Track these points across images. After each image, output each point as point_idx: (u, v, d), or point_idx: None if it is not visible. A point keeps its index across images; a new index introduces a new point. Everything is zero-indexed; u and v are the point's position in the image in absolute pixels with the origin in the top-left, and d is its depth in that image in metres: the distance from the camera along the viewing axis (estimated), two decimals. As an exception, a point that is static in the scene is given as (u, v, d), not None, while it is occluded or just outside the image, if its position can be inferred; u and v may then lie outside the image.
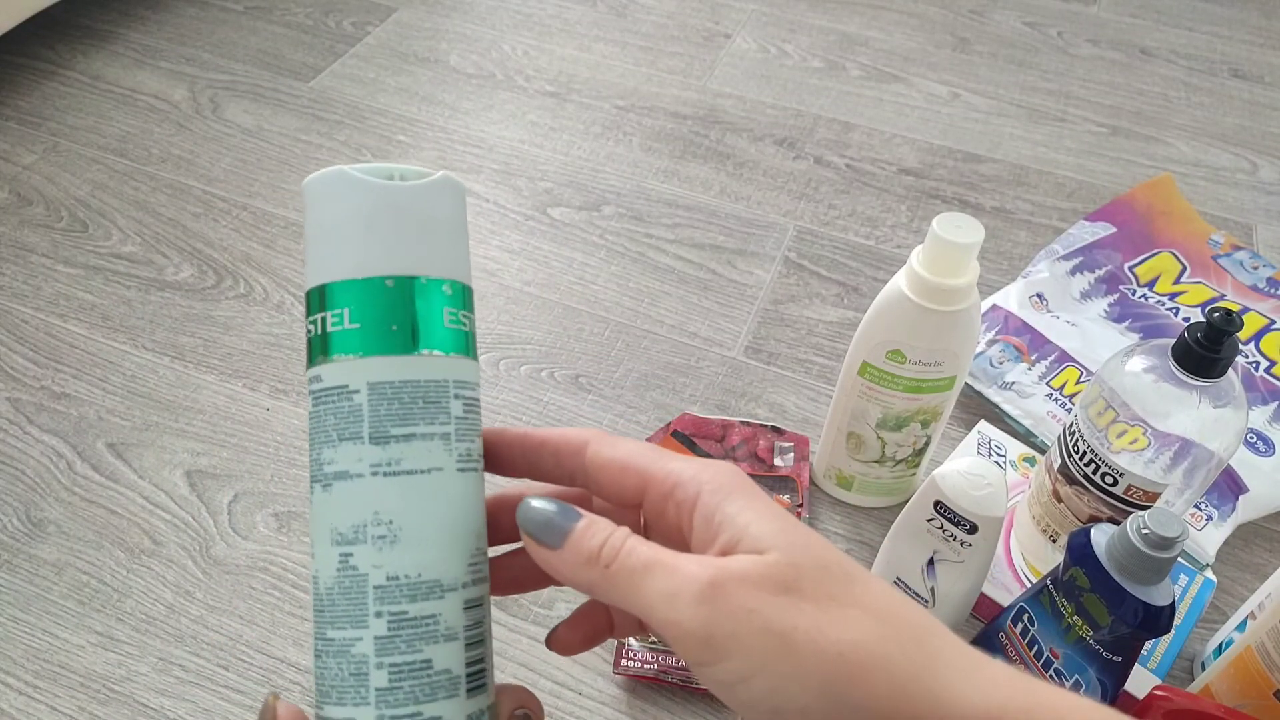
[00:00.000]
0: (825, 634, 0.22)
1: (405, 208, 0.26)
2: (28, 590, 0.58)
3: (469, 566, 0.26)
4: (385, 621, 0.24)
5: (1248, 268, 0.79)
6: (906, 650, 0.23)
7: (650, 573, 0.23)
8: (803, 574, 0.23)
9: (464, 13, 1.14)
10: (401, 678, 0.24)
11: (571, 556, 0.24)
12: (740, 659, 0.22)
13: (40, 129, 0.93)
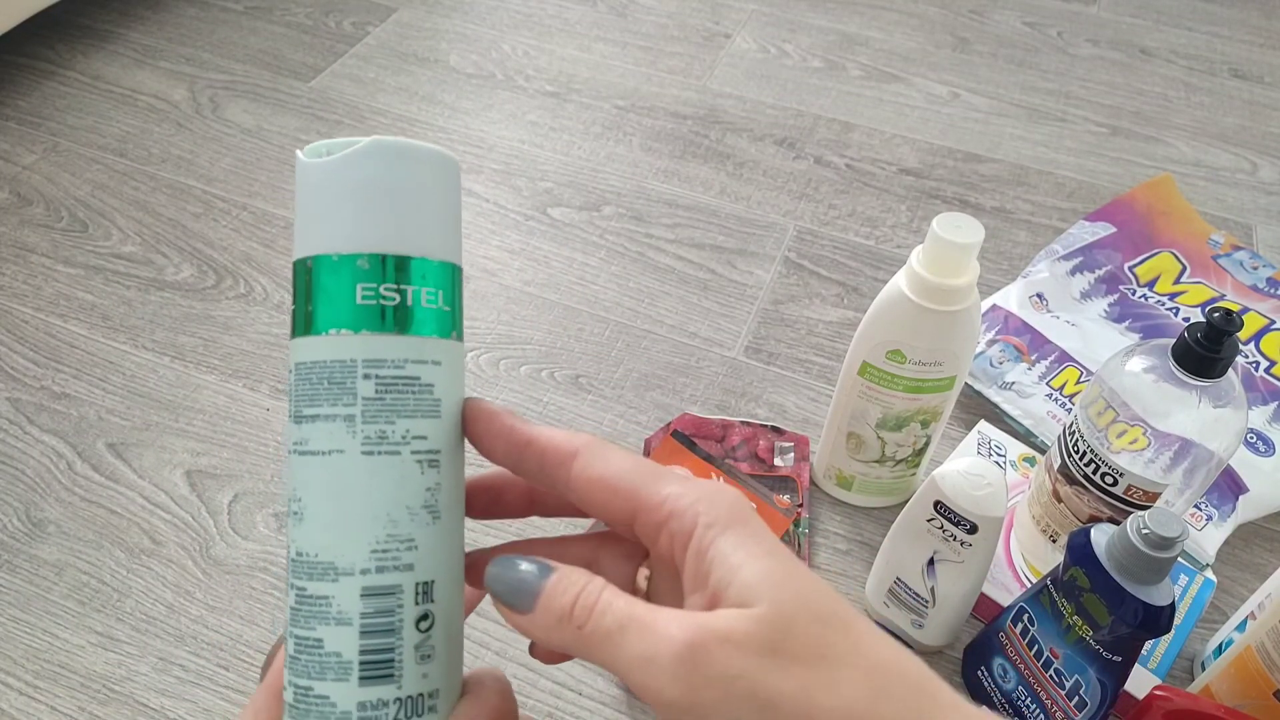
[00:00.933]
0: (814, 700, 0.21)
1: (318, 185, 0.25)
2: (28, 590, 0.58)
3: (373, 553, 0.25)
4: (294, 594, 0.25)
5: (1248, 268, 0.79)
6: (899, 712, 0.21)
7: (625, 633, 0.22)
8: (793, 629, 0.22)
9: (464, 13, 1.14)
10: (300, 650, 0.25)
11: (543, 619, 0.23)
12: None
13: (40, 129, 0.93)
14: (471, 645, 0.57)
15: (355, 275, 0.25)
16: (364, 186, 0.25)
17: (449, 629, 0.26)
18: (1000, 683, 0.53)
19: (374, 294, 0.25)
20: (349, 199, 0.25)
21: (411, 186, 0.26)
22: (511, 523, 0.62)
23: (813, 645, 0.22)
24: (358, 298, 0.25)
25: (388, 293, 0.25)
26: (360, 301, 0.25)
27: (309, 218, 0.26)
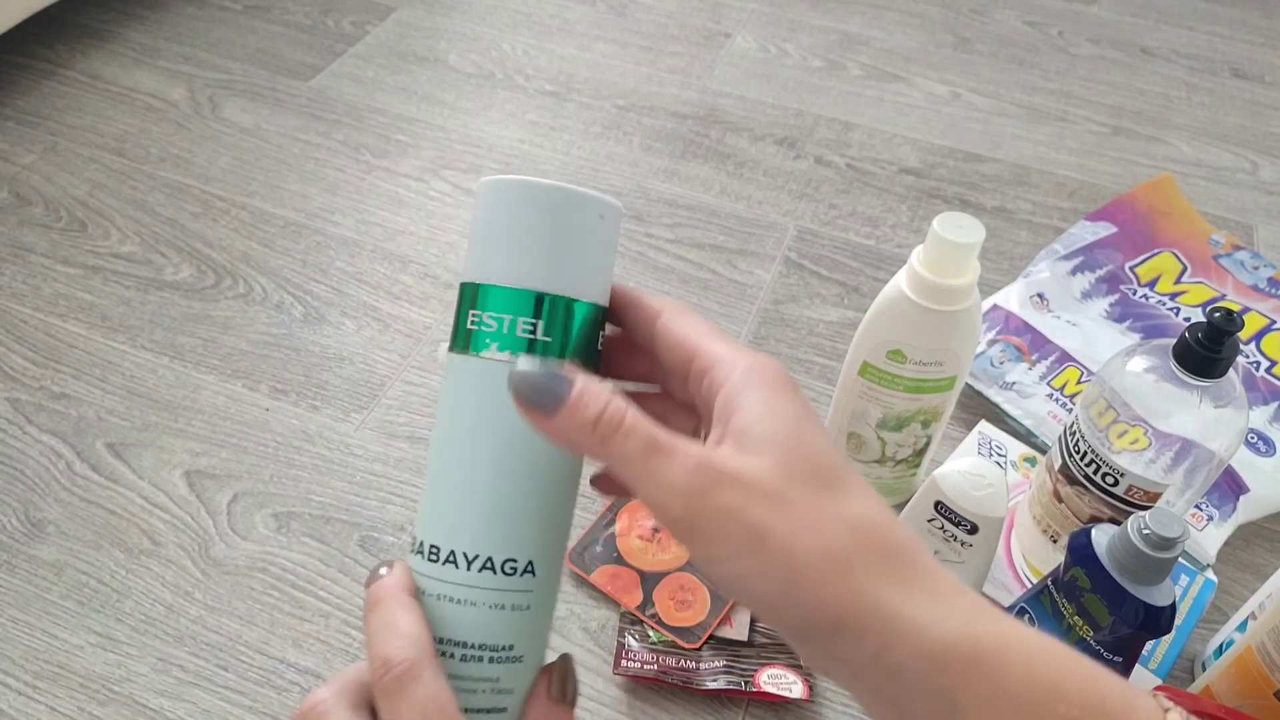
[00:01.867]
0: (798, 539, 0.24)
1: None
2: (27, 590, 0.58)
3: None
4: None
5: (1248, 267, 0.79)
6: (871, 565, 0.24)
7: (647, 456, 0.25)
8: (793, 478, 0.24)
9: (463, 12, 1.14)
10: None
11: (566, 423, 0.25)
12: (718, 546, 0.24)
13: (39, 128, 0.93)
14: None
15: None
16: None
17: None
18: (1001, 683, 0.53)
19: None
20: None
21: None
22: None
23: (809, 493, 0.24)
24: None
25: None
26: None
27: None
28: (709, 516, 0.24)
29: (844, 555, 0.24)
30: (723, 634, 0.57)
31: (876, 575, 0.24)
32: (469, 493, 0.28)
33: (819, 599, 0.23)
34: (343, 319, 0.76)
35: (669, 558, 0.60)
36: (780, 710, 0.54)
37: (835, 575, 0.24)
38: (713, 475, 0.24)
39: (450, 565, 0.28)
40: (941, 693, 0.23)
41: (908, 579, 0.24)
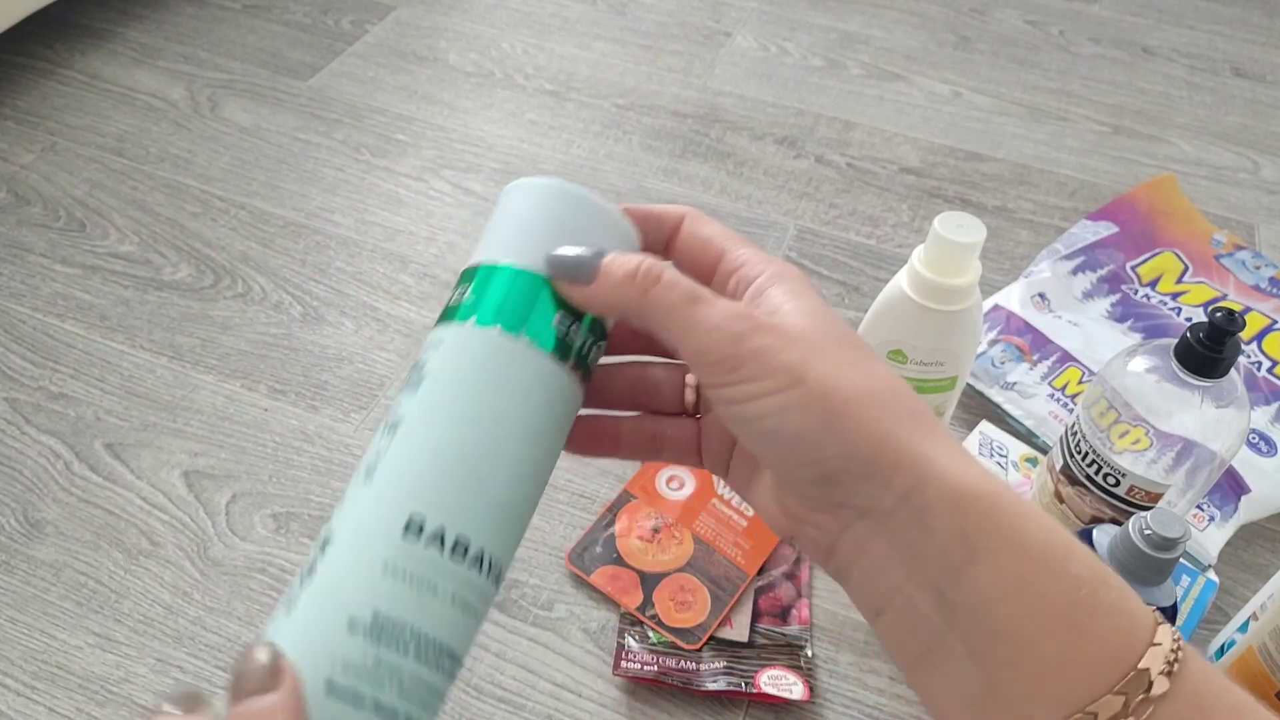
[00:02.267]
0: (838, 378, 0.25)
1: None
2: (25, 591, 0.58)
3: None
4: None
5: (1250, 267, 0.79)
6: (903, 415, 0.25)
7: (691, 304, 0.26)
8: (825, 341, 0.26)
9: (463, 11, 1.13)
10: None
11: (606, 282, 0.26)
12: (757, 382, 0.25)
13: (38, 128, 0.93)
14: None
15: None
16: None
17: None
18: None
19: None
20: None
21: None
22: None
23: (841, 354, 0.26)
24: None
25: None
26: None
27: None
28: (752, 355, 0.25)
29: (881, 398, 0.25)
30: (723, 635, 0.57)
31: (909, 422, 0.25)
32: (505, 487, 0.27)
33: (857, 434, 0.24)
34: (342, 319, 0.76)
35: (669, 558, 0.60)
36: (780, 712, 0.54)
37: (873, 413, 0.24)
38: (753, 321, 0.25)
39: (475, 567, 0.26)
40: (963, 535, 0.24)
41: (935, 430, 0.25)
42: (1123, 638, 0.23)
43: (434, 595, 0.25)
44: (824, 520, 0.26)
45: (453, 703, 0.54)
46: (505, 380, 0.27)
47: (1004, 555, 0.23)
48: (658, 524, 0.61)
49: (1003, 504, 0.24)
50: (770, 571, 0.60)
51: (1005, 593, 0.23)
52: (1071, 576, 0.23)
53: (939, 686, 0.25)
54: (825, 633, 0.58)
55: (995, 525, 0.24)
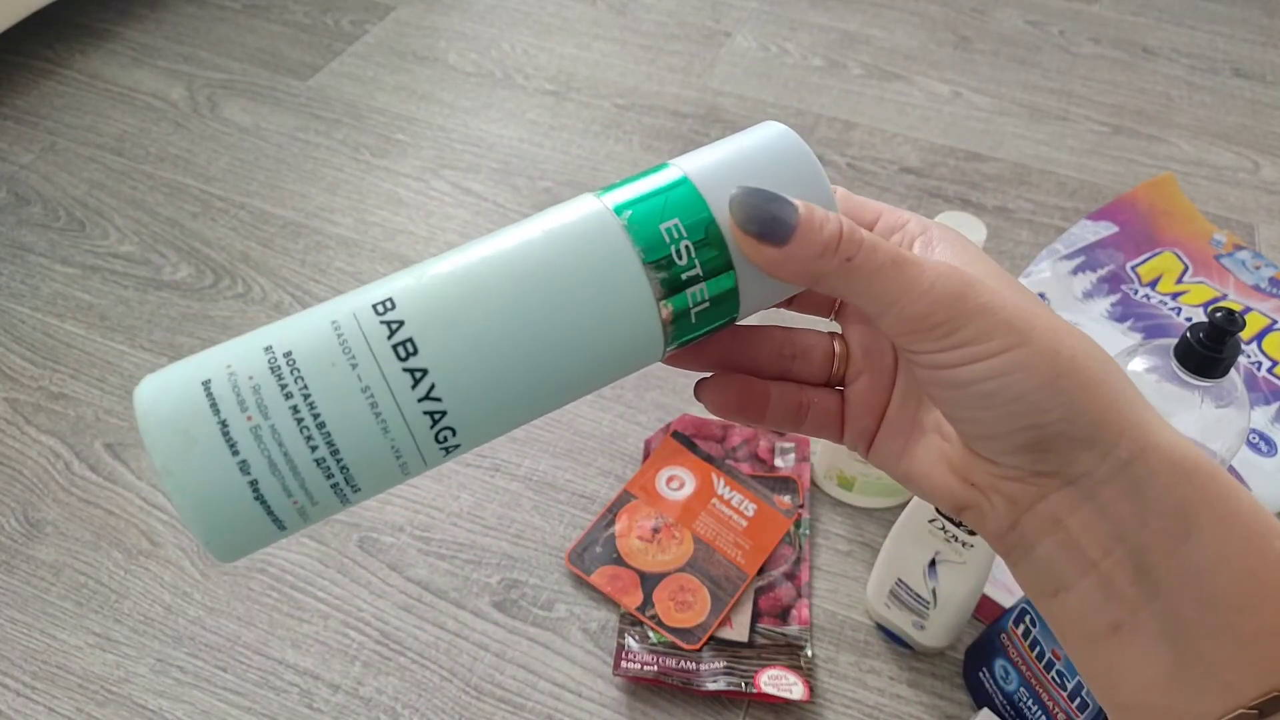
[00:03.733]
0: (1061, 338, 0.23)
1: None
2: (25, 591, 0.58)
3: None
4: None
5: (1250, 267, 0.79)
6: (1121, 383, 0.24)
7: (900, 268, 0.24)
8: (1026, 296, 0.25)
9: (463, 11, 1.13)
10: None
11: (802, 250, 0.24)
12: (979, 344, 0.23)
13: (38, 128, 0.93)
14: (470, 647, 0.57)
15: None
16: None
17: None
18: (1002, 684, 0.52)
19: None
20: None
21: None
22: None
23: (1046, 313, 0.24)
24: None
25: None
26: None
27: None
28: (973, 315, 0.23)
29: (1103, 362, 0.24)
30: (723, 635, 0.57)
31: (1125, 388, 0.24)
32: (499, 348, 0.24)
33: (1085, 397, 0.23)
34: (342, 319, 0.76)
35: (669, 558, 0.60)
36: (780, 712, 0.54)
37: (1099, 376, 0.23)
38: (966, 278, 0.24)
39: (408, 377, 0.23)
40: (1181, 507, 0.23)
41: (1145, 401, 0.24)
42: None
43: (350, 369, 0.23)
44: (1016, 490, 0.25)
45: (453, 702, 0.54)
46: (589, 268, 0.24)
47: (1221, 527, 0.23)
48: (658, 524, 0.61)
49: (1220, 477, 0.23)
50: (770, 571, 0.60)
51: (1220, 563, 0.22)
52: (1276, 550, 0.23)
53: (1122, 665, 0.24)
54: (825, 633, 0.58)
55: (1215, 496, 0.23)
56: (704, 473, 0.64)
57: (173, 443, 0.22)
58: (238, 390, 0.23)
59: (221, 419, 0.22)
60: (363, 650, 0.56)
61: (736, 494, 0.63)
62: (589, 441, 0.67)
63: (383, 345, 0.23)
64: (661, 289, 0.25)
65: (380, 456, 0.23)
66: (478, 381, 0.24)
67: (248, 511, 0.23)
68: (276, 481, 0.23)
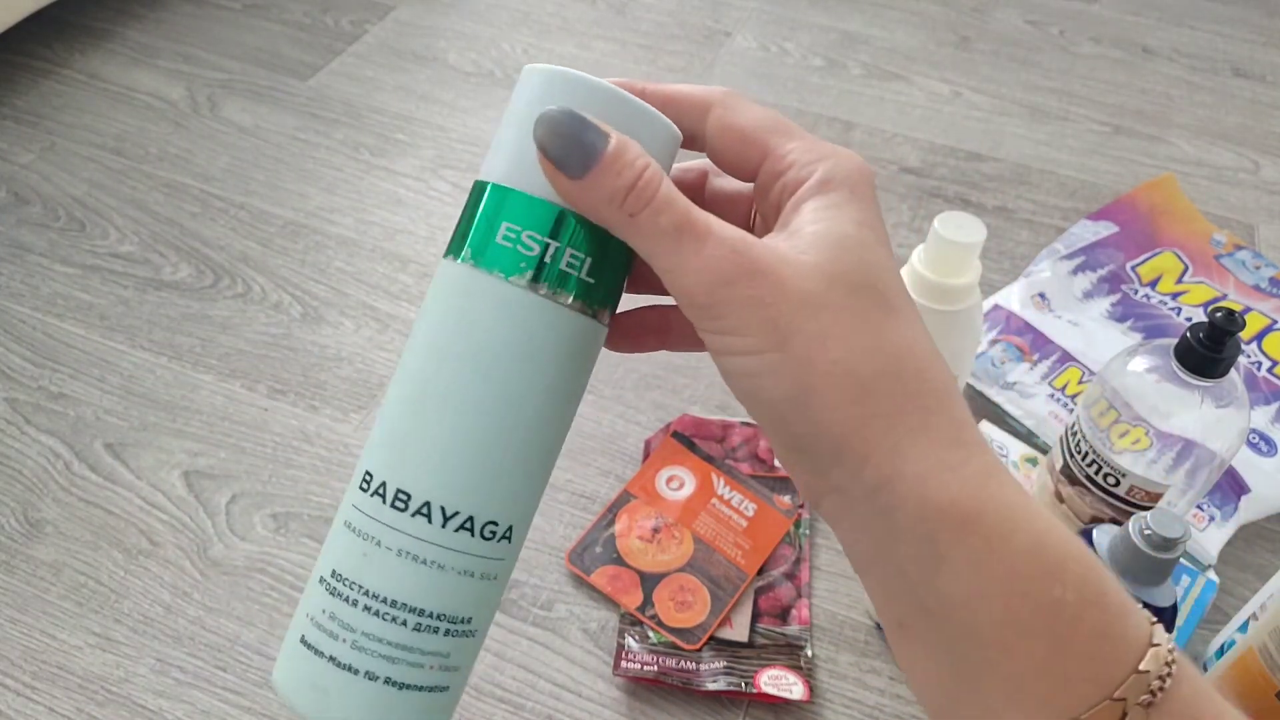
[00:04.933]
0: (821, 348, 0.22)
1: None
2: (25, 591, 0.58)
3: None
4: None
5: (1250, 267, 0.79)
6: (893, 395, 0.22)
7: (679, 236, 0.22)
8: (835, 283, 0.22)
9: (462, 11, 1.13)
10: None
11: (591, 194, 0.22)
12: (736, 339, 0.22)
13: (37, 128, 0.93)
14: (470, 647, 0.57)
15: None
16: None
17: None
18: (1002, 684, 0.52)
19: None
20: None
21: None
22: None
23: (847, 307, 0.22)
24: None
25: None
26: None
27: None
28: (733, 306, 0.22)
29: (866, 377, 0.22)
30: (723, 635, 0.57)
31: (895, 407, 0.22)
32: (457, 435, 0.24)
33: (826, 417, 0.22)
34: (341, 319, 0.76)
35: (669, 558, 0.60)
36: (780, 712, 0.54)
37: (849, 396, 0.21)
38: (745, 264, 0.22)
39: (421, 518, 0.24)
40: (929, 539, 0.22)
41: (928, 422, 0.22)
42: (1104, 663, 0.22)
43: (378, 547, 0.24)
44: (805, 481, 0.24)
45: (453, 703, 0.54)
46: (464, 319, 0.24)
47: (972, 569, 0.22)
48: (658, 524, 0.61)
49: (986, 513, 0.22)
50: (770, 571, 0.60)
51: (977, 601, 0.22)
52: (1052, 599, 0.21)
53: (913, 659, 0.24)
54: (825, 633, 0.58)
55: (969, 535, 0.22)
56: (704, 473, 0.64)
57: (314, 700, 0.25)
58: (321, 627, 0.25)
59: (329, 656, 0.24)
60: (362, 650, 0.56)
61: (736, 494, 0.63)
62: (589, 441, 0.67)
63: (384, 511, 0.24)
64: (536, 283, 0.24)
65: (459, 589, 0.25)
66: (476, 473, 0.24)
67: (406, 700, 0.25)
68: (402, 665, 0.24)
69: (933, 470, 0.22)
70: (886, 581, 0.23)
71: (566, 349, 0.25)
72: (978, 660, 0.22)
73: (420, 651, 0.24)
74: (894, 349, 0.22)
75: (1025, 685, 0.22)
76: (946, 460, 0.22)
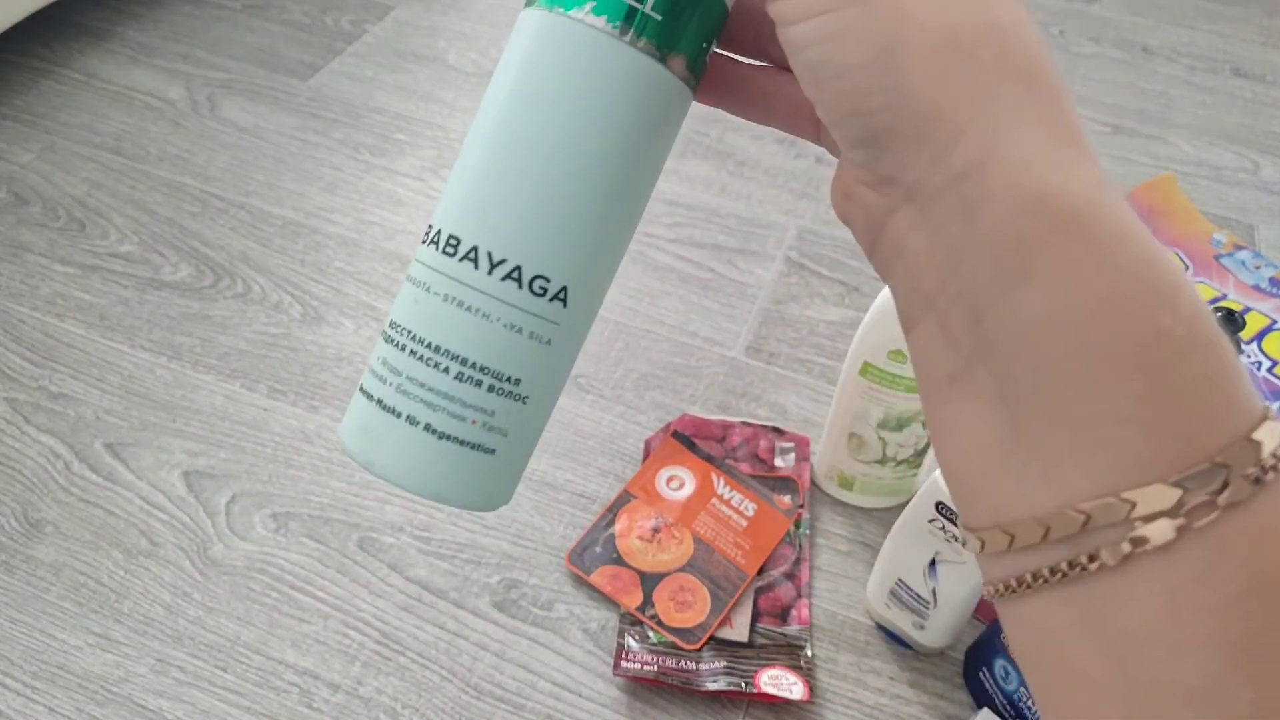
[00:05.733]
0: (929, 10, 0.18)
1: None
2: (25, 591, 0.58)
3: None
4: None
5: (1250, 267, 0.79)
6: (997, 65, 0.18)
7: None
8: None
9: (462, 10, 1.13)
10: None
11: None
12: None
13: (37, 127, 0.93)
14: (470, 647, 0.57)
15: None
16: None
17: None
18: (1002, 684, 0.52)
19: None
20: None
21: None
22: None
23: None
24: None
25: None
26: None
27: None
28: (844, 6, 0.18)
29: (966, 38, 0.18)
30: (723, 635, 0.57)
31: (998, 78, 0.18)
32: (513, 182, 0.23)
33: (915, 81, 0.18)
34: (341, 318, 0.76)
35: (669, 558, 0.60)
36: (780, 712, 0.54)
37: (949, 56, 0.18)
38: None
39: (469, 263, 0.23)
40: (1017, 242, 0.18)
41: (1037, 107, 0.18)
42: (1210, 419, 0.17)
43: (427, 293, 0.24)
44: (870, 200, 0.20)
45: (452, 702, 0.54)
46: (528, 58, 0.23)
47: (1064, 277, 0.17)
48: (658, 524, 0.61)
49: (1089, 223, 0.17)
50: (770, 571, 0.60)
51: (1064, 320, 0.17)
52: (1158, 329, 0.17)
53: (954, 419, 0.20)
54: (825, 633, 0.58)
55: (1066, 245, 0.17)
56: (704, 472, 0.64)
57: (362, 441, 0.25)
58: (376, 373, 0.25)
59: (377, 399, 0.25)
60: (363, 650, 0.56)
61: (736, 494, 0.63)
62: (589, 441, 0.67)
63: (437, 258, 0.24)
64: (596, 15, 0.23)
65: (505, 342, 0.24)
66: (526, 221, 0.23)
67: (446, 453, 0.24)
68: (442, 414, 0.24)
69: (1036, 158, 0.18)
70: (943, 323, 0.19)
71: (633, 96, 0.23)
72: (1047, 404, 0.18)
73: (462, 403, 0.24)
74: (997, 18, 0.18)
75: (1105, 434, 0.17)
76: (1055, 154, 0.18)
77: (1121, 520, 0.17)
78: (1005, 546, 0.19)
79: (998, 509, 0.19)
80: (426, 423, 0.24)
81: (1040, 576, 0.18)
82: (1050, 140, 0.18)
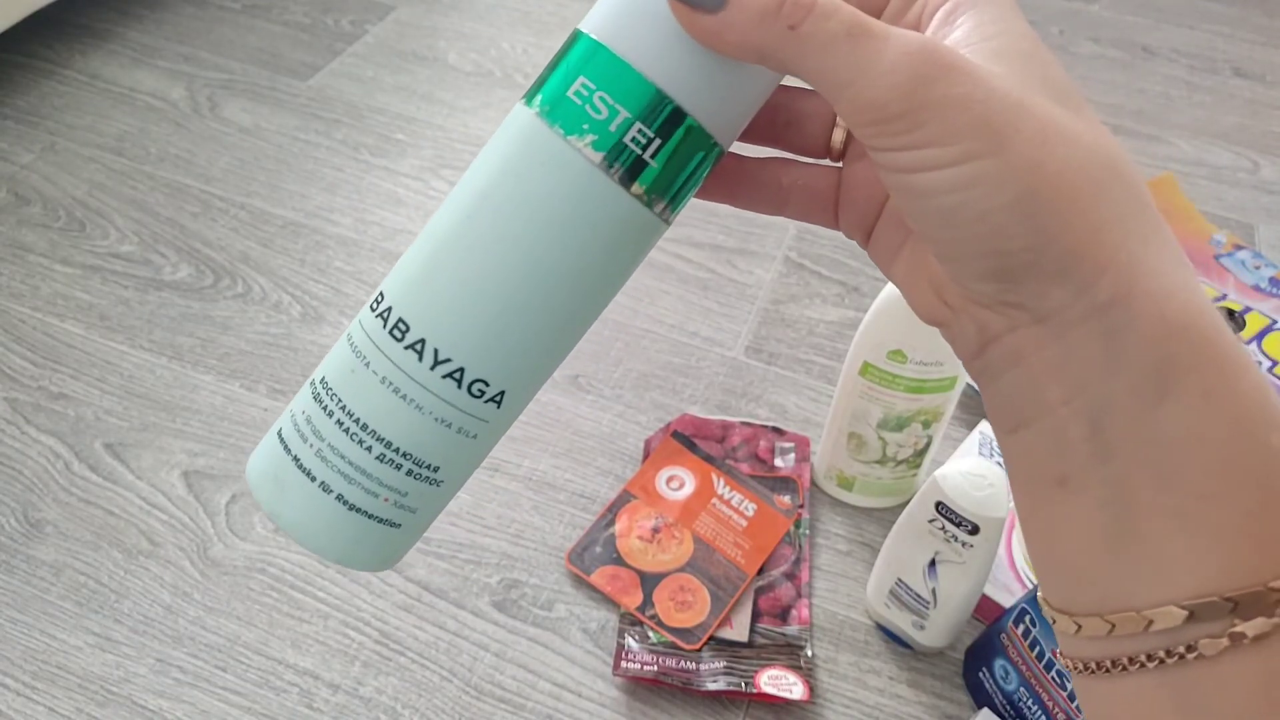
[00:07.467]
0: (1048, 147, 0.19)
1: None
2: (25, 591, 0.58)
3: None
4: None
5: (1250, 267, 0.79)
6: (1126, 203, 0.19)
7: (855, 42, 0.19)
8: (1031, 87, 0.20)
9: (462, 11, 1.13)
10: None
11: (740, 15, 0.20)
12: (940, 147, 0.19)
13: (38, 128, 0.93)
14: (470, 647, 0.57)
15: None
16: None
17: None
18: (1002, 684, 0.52)
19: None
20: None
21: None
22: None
23: (1053, 113, 0.19)
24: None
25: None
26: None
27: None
28: (936, 109, 0.19)
29: (1099, 177, 0.19)
30: (723, 635, 0.57)
31: (1129, 213, 0.19)
32: (474, 287, 0.23)
33: (1059, 223, 0.19)
34: (341, 319, 0.76)
35: (669, 558, 0.60)
36: (780, 712, 0.54)
37: (1089, 197, 0.19)
38: (942, 63, 0.19)
39: (413, 353, 0.23)
40: (1161, 367, 0.19)
41: (1157, 232, 0.20)
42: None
43: (365, 368, 0.24)
44: (986, 318, 0.21)
45: (452, 702, 0.54)
46: (510, 165, 0.23)
47: (1204, 402, 0.19)
48: (658, 524, 0.62)
49: (1222, 344, 0.19)
50: (770, 571, 0.60)
51: (1194, 442, 0.19)
52: (1271, 447, 0.19)
53: (1063, 520, 0.21)
54: (825, 633, 0.58)
55: (1206, 362, 0.19)
56: (704, 473, 0.64)
57: (271, 491, 0.25)
58: (298, 427, 0.25)
59: (294, 455, 0.25)
60: (362, 650, 0.56)
61: (736, 494, 0.63)
62: (589, 441, 0.68)
63: (382, 336, 0.24)
64: (595, 150, 0.22)
65: (433, 434, 0.24)
66: (478, 327, 0.23)
67: (353, 523, 0.25)
68: (357, 488, 0.24)
69: (1174, 288, 0.19)
70: (1060, 431, 0.20)
71: (611, 232, 0.23)
72: (1167, 511, 0.19)
73: (379, 481, 0.24)
74: (1110, 154, 0.20)
75: (1220, 542, 0.19)
76: (1184, 280, 0.19)
77: (1224, 616, 0.19)
78: (1104, 633, 0.21)
79: (1102, 600, 0.21)
80: (340, 493, 0.24)
81: (1137, 661, 0.20)
82: (1176, 267, 0.20)
